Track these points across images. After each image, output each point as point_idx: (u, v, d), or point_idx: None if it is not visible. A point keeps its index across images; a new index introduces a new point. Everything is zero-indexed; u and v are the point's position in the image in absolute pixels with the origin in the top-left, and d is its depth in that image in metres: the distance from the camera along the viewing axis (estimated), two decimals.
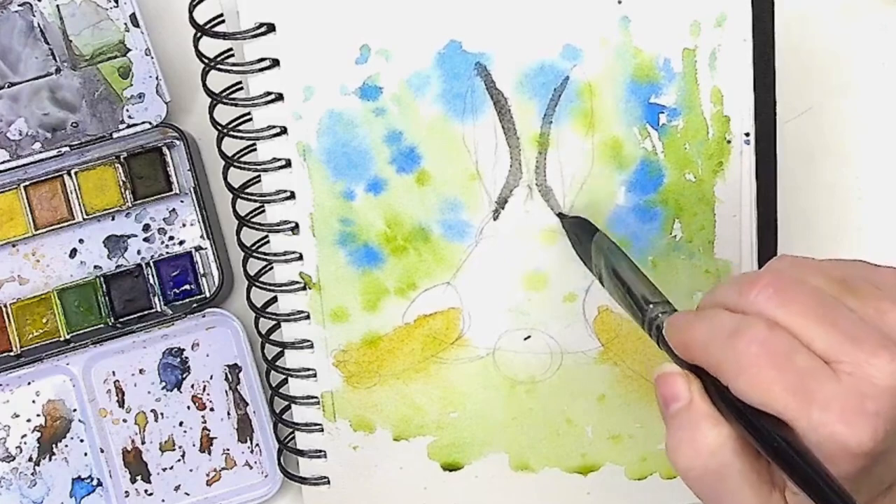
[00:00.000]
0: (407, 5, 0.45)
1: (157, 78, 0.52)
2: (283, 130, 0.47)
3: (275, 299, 0.50)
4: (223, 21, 0.48)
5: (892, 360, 0.31)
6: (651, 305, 0.38)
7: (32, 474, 0.55)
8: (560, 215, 0.47)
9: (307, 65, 0.46)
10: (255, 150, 0.48)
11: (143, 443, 0.55)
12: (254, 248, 0.49)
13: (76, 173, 0.54)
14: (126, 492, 0.55)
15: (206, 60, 0.47)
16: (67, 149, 0.53)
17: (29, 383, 0.55)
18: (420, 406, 0.50)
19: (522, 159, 0.47)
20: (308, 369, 0.50)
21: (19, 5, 0.52)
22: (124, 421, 0.55)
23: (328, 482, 0.52)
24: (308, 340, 0.49)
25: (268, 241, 0.49)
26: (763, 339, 0.32)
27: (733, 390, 0.32)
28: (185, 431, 0.55)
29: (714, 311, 0.34)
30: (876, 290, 0.33)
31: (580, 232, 0.46)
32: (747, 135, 0.47)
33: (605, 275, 0.43)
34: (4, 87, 0.53)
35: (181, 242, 0.55)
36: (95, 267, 0.55)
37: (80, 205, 0.54)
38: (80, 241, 0.55)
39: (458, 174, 0.47)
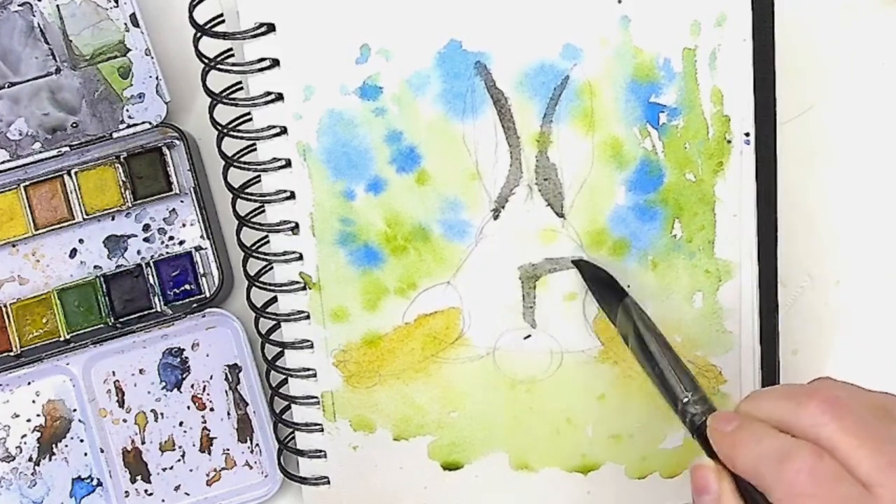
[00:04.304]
0: (407, 5, 0.45)
1: (157, 78, 0.52)
2: (283, 130, 0.47)
3: (275, 299, 0.50)
4: (223, 21, 0.48)
5: None
6: (687, 398, 0.40)
7: (32, 474, 0.55)
8: (576, 262, 0.47)
9: (307, 65, 0.46)
10: (255, 150, 0.48)
11: (143, 443, 0.55)
12: (254, 248, 0.49)
13: (76, 173, 0.54)
14: (126, 492, 0.55)
15: (206, 60, 0.47)
16: (67, 149, 0.53)
17: (29, 383, 0.55)
18: (420, 406, 0.50)
19: (522, 159, 0.47)
20: (308, 369, 0.50)
21: (19, 5, 0.52)
22: (124, 421, 0.55)
23: (328, 482, 0.52)
24: (308, 340, 0.49)
25: (268, 241, 0.49)
26: (811, 466, 0.34)
27: None
28: (185, 431, 0.55)
29: (762, 430, 0.36)
30: None
31: (603, 288, 0.47)
32: (747, 135, 0.47)
33: (632, 341, 0.44)
34: (4, 87, 0.53)
35: (181, 242, 0.55)
36: (95, 267, 0.55)
37: (80, 205, 0.54)
38: (80, 241, 0.55)
39: (458, 174, 0.47)
